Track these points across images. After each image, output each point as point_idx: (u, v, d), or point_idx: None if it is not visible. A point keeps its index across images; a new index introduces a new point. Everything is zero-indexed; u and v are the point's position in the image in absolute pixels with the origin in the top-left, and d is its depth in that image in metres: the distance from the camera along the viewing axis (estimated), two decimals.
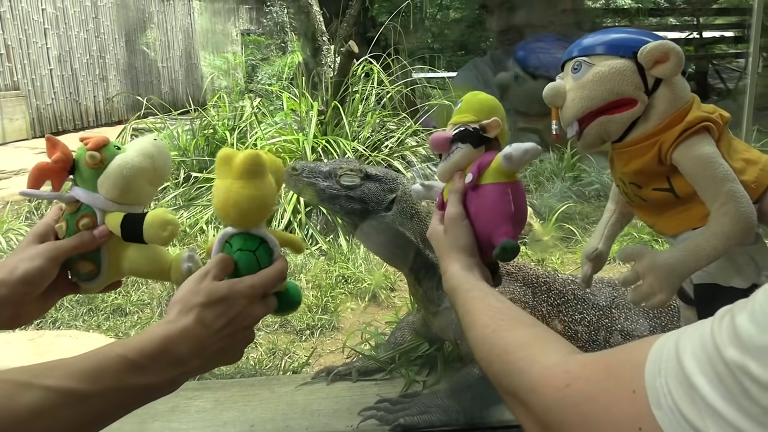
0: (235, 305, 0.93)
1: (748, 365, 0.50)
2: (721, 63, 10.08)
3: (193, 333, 0.88)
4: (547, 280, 1.77)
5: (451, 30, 11.23)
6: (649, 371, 0.59)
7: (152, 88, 11.07)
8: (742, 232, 0.93)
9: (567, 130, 1.07)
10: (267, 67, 8.71)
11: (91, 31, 10.11)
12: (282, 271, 1.00)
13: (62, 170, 1.03)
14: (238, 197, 0.96)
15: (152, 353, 0.85)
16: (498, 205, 1.05)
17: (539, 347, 0.79)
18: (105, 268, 1.08)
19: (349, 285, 3.03)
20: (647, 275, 0.99)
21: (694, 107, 0.99)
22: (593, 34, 1.05)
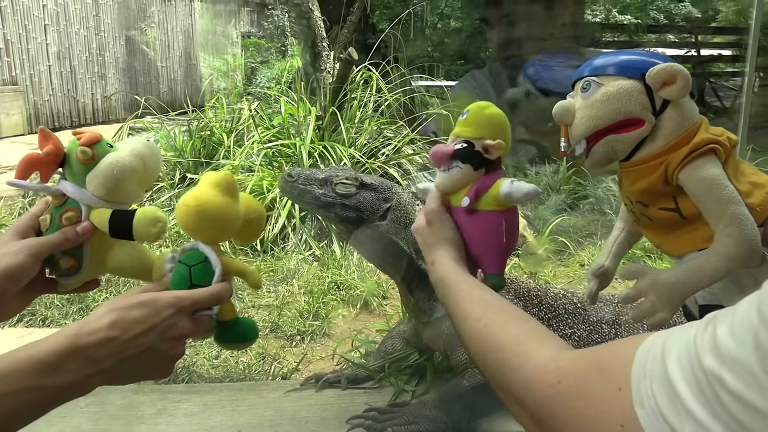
0: (158, 313, 0.91)
1: (724, 376, 0.52)
2: (719, 81, 10.15)
3: (106, 333, 0.87)
4: (539, 294, 1.77)
5: (451, 39, 11.28)
6: (635, 371, 0.61)
7: (151, 88, 11.07)
8: (745, 255, 0.94)
9: (575, 147, 1.08)
10: (266, 70, 8.72)
11: (91, 28, 10.10)
12: (217, 294, 0.98)
13: (52, 162, 1.02)
14: (205, 203, 0.97)
15: (63, 351, 0.84)
16: (491, 236, 1.06)
17: (532, 344, 0.80)
18: (86, 264, 1.07)
19: (341, 291, 3.03)
20: (649, 293, 1.00)
21: (702, 129, 1.00)
22: (604, 55, 1.07)
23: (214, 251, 1.01)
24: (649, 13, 12.00)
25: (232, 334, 1.04)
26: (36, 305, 2.81)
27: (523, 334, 0.83)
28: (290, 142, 4.29)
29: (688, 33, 11.43)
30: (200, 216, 0.98)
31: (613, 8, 12.19)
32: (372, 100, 4.88)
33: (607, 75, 1.03)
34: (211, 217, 0.98)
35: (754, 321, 0.52)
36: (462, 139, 1.11)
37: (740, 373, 0.51)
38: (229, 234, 1.04)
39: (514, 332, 0.84)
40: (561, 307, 1.75)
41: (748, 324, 0.52)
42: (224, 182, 0.99)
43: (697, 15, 12.27)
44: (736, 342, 0.52)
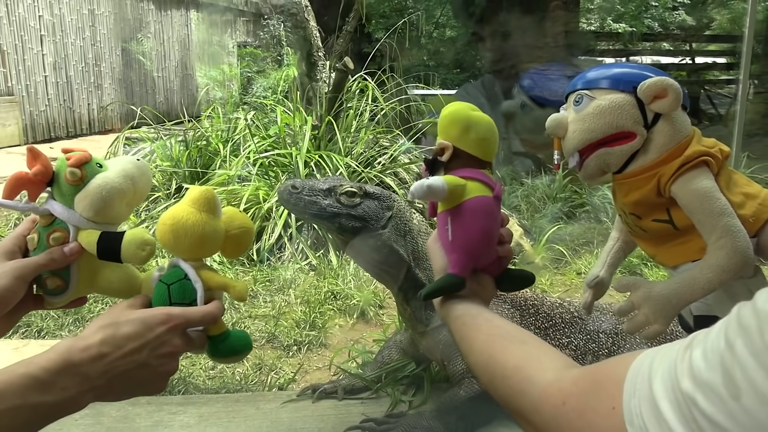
0: (151, 330, 0.91)
1: (697, 398, 0.54)
2: (713, 89, 10.20)
3: (98, 350, 0.87)
4: (535, 303, 1.77)
5: (446, 48, 11.32)
6: (626, 389, 0.63)
7: (147, 98, 11.08)
8: (737, 266, 0.94)
9: (568, 160, 1.08)
10: (262, 80, 8.74)
11: (87, 39, 10.11)
12: (211, 312, 0.99)
13: (41, 182, 1.02)
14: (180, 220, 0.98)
15: (55, 368, 0.84)
16: (441, 236, 1.04)
17: (535, 366, 0.82)
18: (73, 284, 1.06)
19: (337, 301, 3.02)
20: (642, 306, 1.01)
21: (694, 141, 1.01)
22: (597, 68, 1.08)
23: (195, 267, 1.01)
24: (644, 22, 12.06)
25: (223, 347, 1.04)
26: (32, 316, 2.80)
27: (525, 359, 0.85)
28: (286, 152, 4.30)
29: (682, 41, 11.49)
30: (176, 234, 0.99)
31: (608, 17, 12.25)
32: (368, 109, 4.89)
33: (599, 88, 1.04)
34: (188, 234, 0.98)
35: (722, 346, 0.54)
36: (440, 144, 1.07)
37: (711, 397, 0.53)
38: (209, 250, 1.05)
39: (516, 358, 0.86)
40: (558, 316, 1.75)
41: (717, 348, 0.55)
42: (202, 199, 1.00)
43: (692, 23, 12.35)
44: (707, 365, 0.55)
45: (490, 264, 1.04)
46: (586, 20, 11.77)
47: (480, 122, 1.05)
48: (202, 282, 1.00)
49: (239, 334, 1.07)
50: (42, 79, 9.31)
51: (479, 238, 1.00)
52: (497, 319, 0.97)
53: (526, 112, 5.16)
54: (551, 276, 3.40)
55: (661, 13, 12.36)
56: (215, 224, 1.01)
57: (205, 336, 1.01)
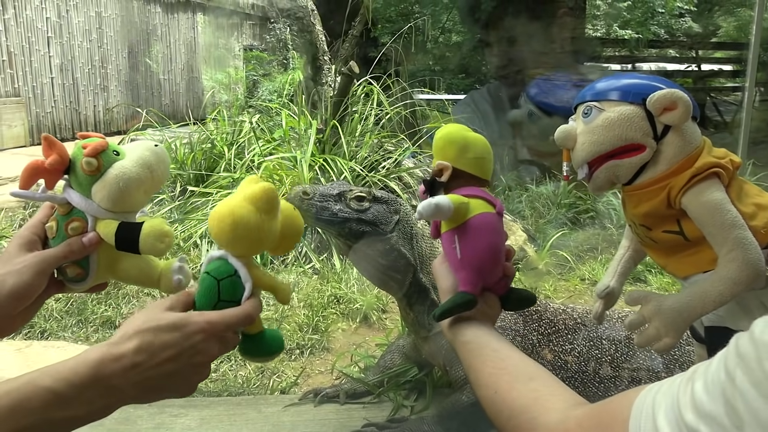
0: (189, 339, 0.88)
1: (701, 430, 0.55)
2: (719, 96, 10.18)
3: (132, 360, 0.83)
4: (538, 309, 1.77)
5: (452, 53, 11.32)
6: (632, 427, 0.63)
7: (153, 100, 11.11)
8: (749, 278, 0.93)
9: (577, 171, 1.08)
10: (268, 83, 8.76)
11: (94, 41, 10.15)
12: (249, 314, 0.95)
13: (57, 171, 1.00)
14: (240, 219, 0.94)
15: (82, 383, 0.80)
16: (449, 255, 1.04)
17: (540, 407, 0.82)
18: (93, 272, 1.05)
19: (340, 305, 3.02)
20: (653, 319, 1.00)
21: (705, 152, 1.00)
22: (606, 79, 1.07)
23: (245, 265, 0.98)
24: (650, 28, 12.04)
25: (258, 347, 1.02)
26: (35, 317, 2.80)
27: (530, 399, 0.84)
28: (291, 155, 4.30)
29: (688, 48, 11.47)
30: (236, 231, 0.95)
31: (614, 23, 12.24)
32: (373, 113, 4.89)
33: (608, 100, 1.03)
34: (246, 233, 0.95)
35: (722, 377, 0.55)
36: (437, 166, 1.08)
37: (714, 428, 0.54)
38: (263, 249, 1.02)
39: (521, 397, 0.85)
40: (561, 322, 1.75)
41: (717, 380, 0.55)
42: (264, 198, 0.95)
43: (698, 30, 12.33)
44: (709, 397, 0.55)
45: (497, 282, 1.04)
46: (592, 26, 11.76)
47: (476, 142, 1.07)
48: (252, 281, 0.98)
49: (273, 333, 1.04)
50: (48, 80, 9.35)
51: (487, 253, 1.01)
52: (505, 349, 0.95)
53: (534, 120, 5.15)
54: (555, 282, 3.39)
55: (668, 20, 12.35)
56: (274, 225, 0.98)
57: (238, 335, 0.99)
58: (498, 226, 1.03)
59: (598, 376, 1.68)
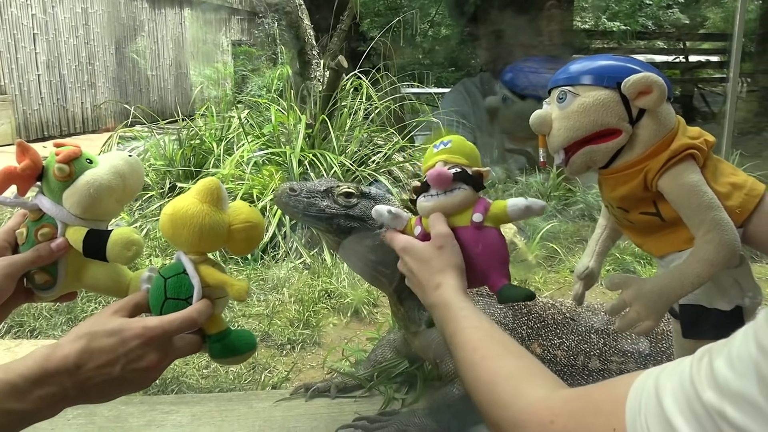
0: (125, 344, 0.88)
1: (725, 409, 0.52)
2: (707, 87, 10.23)
3: (75, 361, 0.86)
4: (528, 303, 1.77)
5: (441, 47, 11.31)
6: (629, 408, 0.61)
7: (141, 97, 11.06)
8: (725, 259, 0.95)
9: (554, 157, 1.08)
10: (257, 79, 8.72)
11: (80, 37, 10.08)
12: (190, 317, 0.93)
13: (30, 177, 1.01)
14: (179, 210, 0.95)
15: (33, 377, 0.83)
16: (500, 250, 1.13)
17: (525, 381, 0.80)
18: (61, 280, 1.06)
19: (331, 300, 3.02)
20: (634, 303, 1.01)
21: (680, 133, 1.01)
22: (579, 61, 1.06)
23: (195, 262, 0.98)
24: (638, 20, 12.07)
25: (219, 348, 1.00)
26: (24, 316, 2.79)
27: (517, 371, 0.83)
28: (280, 150, 4.29)
29: (676, 39, 11.51)
30: (174, 224, 0.96)
31: (602, 15, 12.26)
32: (362, 107, 4.88)
33: (582, 84, 1.03)
34: (186, 225, 0.95)
35: (753, 352, 0.52)
36: (451, 164, 1.16)
37: (743, 406, 0.51)
38: (210, 244, 1.00)
39: (509, 368, 0.84)
40: (549, 317, 1.76)
41: (747, 356, 0.52)
42: (205, 189, 0.97)
43: (686, 22, 12.37)
44: (737, 375, 0.52)
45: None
46: (581, 18, 11.77)
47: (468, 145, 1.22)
48: (200, 278, 0.97)
49: (241, 333, 1.03)
50: (35, 77, 9.28)
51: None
52: (498, 327, 0.97)
53: (508, 105, 5.15)
54: (545, 274, 3.40)
55: (656, 12, 12.37)
56: (217, 216, 0.97)
57: (197, 339, 0.98)
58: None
59: (587, 370, 1.69)
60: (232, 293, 0.98)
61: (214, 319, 1.00)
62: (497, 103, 5.21)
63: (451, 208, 1.14)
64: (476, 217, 1.12)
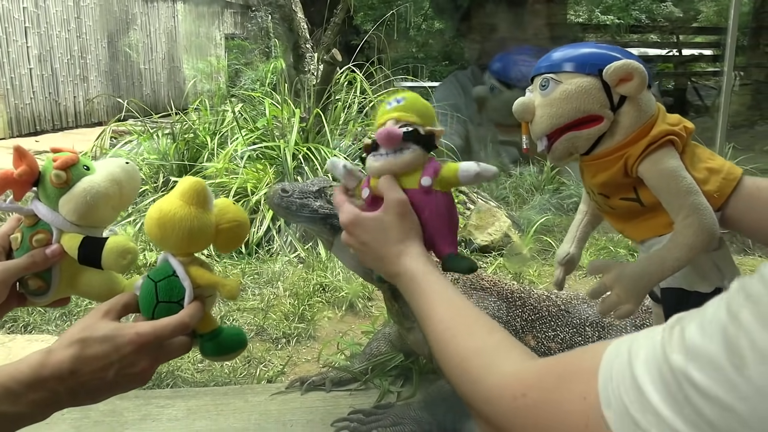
0: (118, 351, 0.88)
1: (691, 371, 0.53)
2: (700, 80, 10.26)
3: (68, 368, 0.86)
4: (522, 296, 1.78)
5: (434, 40, 11.30)
6: (602, 375, 0.61)
7: (133, 90, 11.01)
8: (704, 243, 0.96)
9: (537, 143, 1.09)
10: (250, 72, 8.69)
11: (72, 30, 10.02)
12: (183, 322, 0.93)
13: (26, 183, 1.00)
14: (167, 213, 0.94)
15: (26, 381, 0.84)
16: (448, 216, 1.07)
17: (496, 356, 0.80)
18: (55, 286, 1.06)
19: (326, 293, 3.02)
20: (614, 286, 1.03)
21: (659, 120, 1.02)
22: (561, 49, 1.07)
23: (184, 263, 0.97)
24: (632, 14, 12.09)
25: (211, 346, 1.01)
26: (18, 311, 2.78)
27: (488, 345, 0.82)
28: (274, 144, 4.28)
29: (669, 33, 11.54)
30: (163, 228, 0.95)
31: (596, 9, 12.27)
32: (356, 101, 4.88)
33: (564, 72, 1.03)
34: (175, 228, 0.94)
35: (723, 318, 0.53)
36: (402, 122, 1.10)
37: (707, 369, 0.52)
38: (199, 245, 1.00)
39: (479, 342, 0.83)
40: (544, 309, 1.76)
41: (716, 321, 0.53)
42: (191, 191, 0.95)
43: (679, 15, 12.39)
44: (705, 338, 0.53)
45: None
46: (574, 12, 11.78)
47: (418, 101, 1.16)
48: (191, 279, 0.97)
49: (232, 331, 1.03)
50: (27, 71, 9.23)
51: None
52: (465, 298, 0.96)
53: (495, 94, 5.16)
54: (539, 267, 3.41)
55: (649, 5, 12.39)
56: (205, 218, 0.97)
57: (187, 340, 0.98)
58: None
59: None
60: (224, 293, 0.98)
61: (206, 318, 1.00)
62: (485, 93, 5.21)
63: (399, 169, 1.08)
64: (425, 181, 1.07)
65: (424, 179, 1.07)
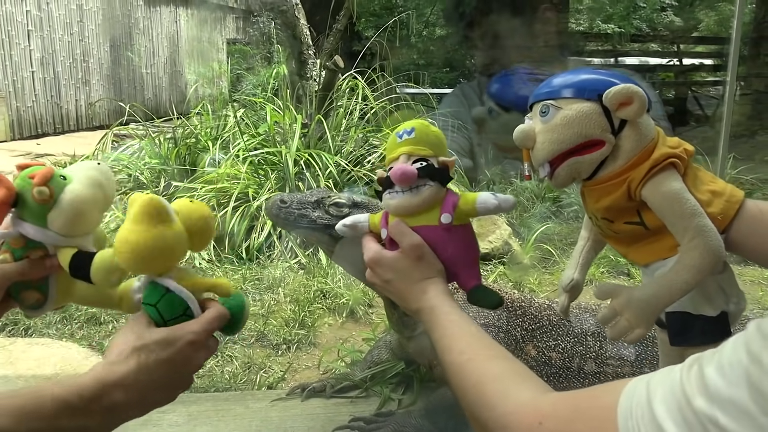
0: (181, 352, 0.91)
1: (717, 415, 0.53)
2: (700, 90, 10.28)
3: (134, 379, 0.87)
4: (522, 305, 1.78)
5: (436, 47, 11.34)
6: (621, 413, 0.62)
7: (135, 95, 11.02)
8: (711, 265, 0.96)
9: (539, 170, 1.09)
10: (252, 77, 8.71)
11: (75, 34, 10.04)
12: (220, 316, 0.97)
13: (5, 206, 0.96)
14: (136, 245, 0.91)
15: (90, 396, 0.84)
16: (469, 249, 1.08)
17: (513, 383, 0.80)
18: (52, 297, 1.05)
19: (327, 300, 3.02)
20: (624, 311, 1.01)
21: (660, 143, 1.02)
22: (560, 75, 1.08)
23: (173, 278, 0.95)
24: (633, 23, 12.12)
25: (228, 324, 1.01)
26: (18, 315, 2.78)
27: (505, 373, 0.84)
28: (276, 150, 4.29)
29: (670, 42, 11.57)
30: (141, 259, 0.92)
31: (597, 18, 12.31)
32: (358, 107, 4.89)
33: (564, 98, 1.04)
34: (153, 253, 0.91)
35: (744, 360, 0.53)
36: (415, 157, 1.11)
37: (734, 413, 0.52)
38: (179, 255, 0.97)
39: (496, 369, 0.85)
40: (545, 318, 1.76)
41: (737, 364, 0.53)
42: (150, 211, 0.91)
43: (680, 24, 12.43)
44: (728, 382, 0.53)
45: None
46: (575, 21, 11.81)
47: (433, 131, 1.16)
48: (189, 289, 0.96)
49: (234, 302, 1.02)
50: (29, 74, 9.25)
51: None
52: (484, 331, 0.98)
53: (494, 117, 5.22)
54: (540, 275, 3.41)
55: (650, 14, 12.43)
56: (175, 229, 0.94)
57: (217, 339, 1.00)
58: None
59: (583, 372, 1.70)
60: (221, 292, 0.99)
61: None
62: (484, 115, 5.27)
63: (417, 207, 1.09)
64: (444, 218, 1.08)
65: (444, 216, 1.08)
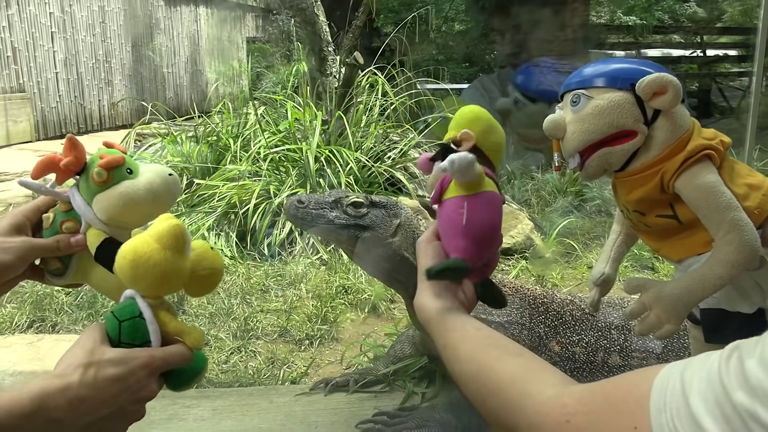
0: (133, 374, 0.85)
1: (758, 411, 0.51)
2: (725, 81, 10.12)
3: (77, 393, 0.80)
4: (545, 301, 1.76)
5: (455, 42, 11.29)
6: (653, 405, 0.59)
7: (157, 94, 11.12)
8: (746, 260, 0.93)
9: (569, 161, 1.07)
10: (272, 75, 8.74)
11: (97, 35, 10.15)
12: (182, 353, 0.91)
13: (70, 172, 1.02)
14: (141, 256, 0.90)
15: (25, 413, 0.76)
16: (451, 220, 1.00)
17: (532, 380, 0.78)
18: (71, 272, 1.07)
19: (349, 295, 3.03)
20: (654, 306, 0.99)
21: (695, 134, 1.00)
22: (592, 65, 1.06)
23: (152, 306, 0.93)
24: (655, 14, 11.96)
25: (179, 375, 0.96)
26: (45, 311, 2.83)
27: (521, 372, 0.80)
28: (296, 147, 4.30)
29: (693, 33, 11.40)
30: (135, 270, 0.91)
31: (618, 9, 12.16)
32: (378, 103, 4.88)
33: (595, 87, 1.02)
34: (148, 272, 0.90)
35: None
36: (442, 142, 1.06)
37: None
38: (171, 289, 0.96)
39: (511, 369, 0.81)
40: (568, 313, 1.74)
41: None
42: (169, 235, 0.91)
43: (703, 15, 12.24)
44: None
45: (482, 265, 1.02)
46: (596, 13, 11.69)
47: (499, 129, 1.04)
48: (158, 324, 0.93)
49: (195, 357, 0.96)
50: (53, 75, 9.37)
51: (490, 229, 0.98)
52: (487, 329, 0.92)
53: (520, 108, 5.16)
54: (562, 270, 3.39)
55: (672, 5, 12.25)
56: (180, 263, 0.92)
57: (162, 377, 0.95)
58: (501, 209, 1.01)
59: (607, 366, 1.68)
60: (189, 342, 0.94)
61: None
62: (509, 106, 5.22)
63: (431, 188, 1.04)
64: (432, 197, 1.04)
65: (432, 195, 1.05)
